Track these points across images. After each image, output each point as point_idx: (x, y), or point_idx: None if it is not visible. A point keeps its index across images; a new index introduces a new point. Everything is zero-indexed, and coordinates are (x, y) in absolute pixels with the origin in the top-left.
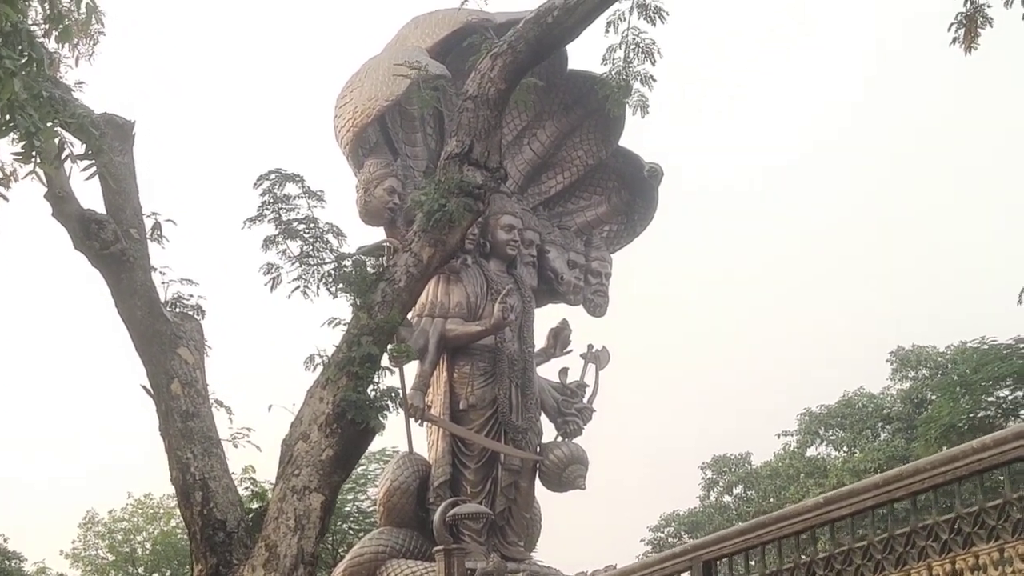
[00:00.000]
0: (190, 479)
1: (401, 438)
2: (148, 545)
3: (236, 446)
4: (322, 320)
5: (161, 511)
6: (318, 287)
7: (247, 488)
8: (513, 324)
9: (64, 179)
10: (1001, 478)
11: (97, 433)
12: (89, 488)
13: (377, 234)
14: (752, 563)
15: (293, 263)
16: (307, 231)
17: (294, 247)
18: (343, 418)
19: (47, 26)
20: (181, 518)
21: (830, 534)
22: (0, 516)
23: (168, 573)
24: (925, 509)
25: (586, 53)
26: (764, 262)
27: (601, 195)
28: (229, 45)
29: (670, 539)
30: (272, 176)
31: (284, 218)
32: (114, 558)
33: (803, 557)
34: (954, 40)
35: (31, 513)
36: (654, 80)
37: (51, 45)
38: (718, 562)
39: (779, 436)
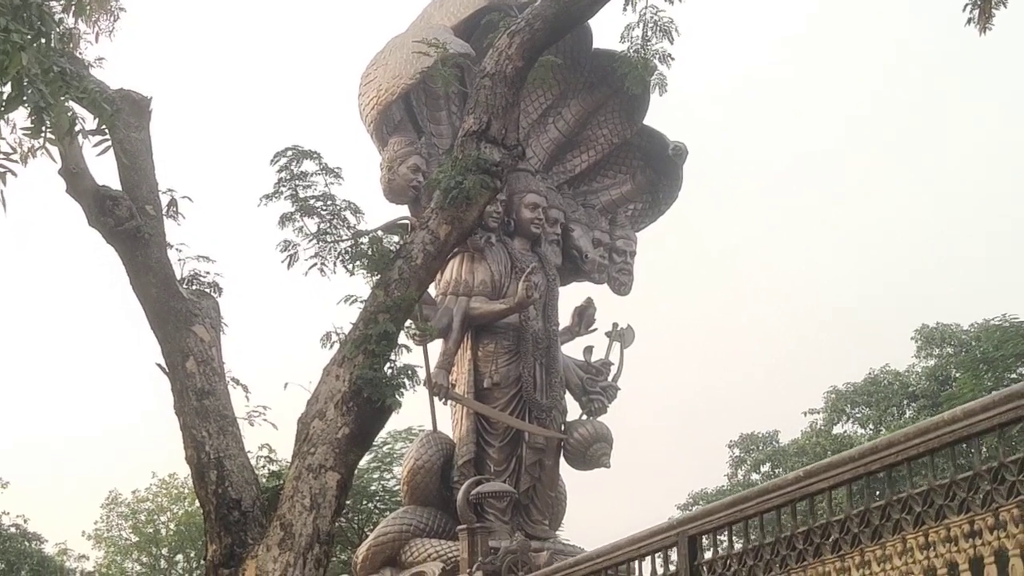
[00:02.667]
0: (205, 458)
1: (426, 417)
2: (172, 525)
3: (252, 424)
4: (339, 297)
5: (185, 491)
6: (335, 264)
7: (263, 467)
8: (537, 302)
9: (79, 155)
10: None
11: (121, 411)
12: (113, 468)
13: (401, 212)
14: (736, 537)
15: (310, 240)
16: (324, 208)
17: (311, 224)
18: (359, 396)
19: (63, 2)
20: None
21: (809, 507)
22: (21, 496)
23: (192, 553)
24: (902, 481)
25: (611, 31)
26: (789, 239)
27: (626, 173)
28: (253, 20)
29: (682, 514)
30: (289, 153)
31: (301, 195)
32: (137, 539)
33: (783, 531)
34: (969, 21)
35: (52, 493)
36: (672, 59)
37: (69, 21)
38: (703, 536)
39: (806, 414)
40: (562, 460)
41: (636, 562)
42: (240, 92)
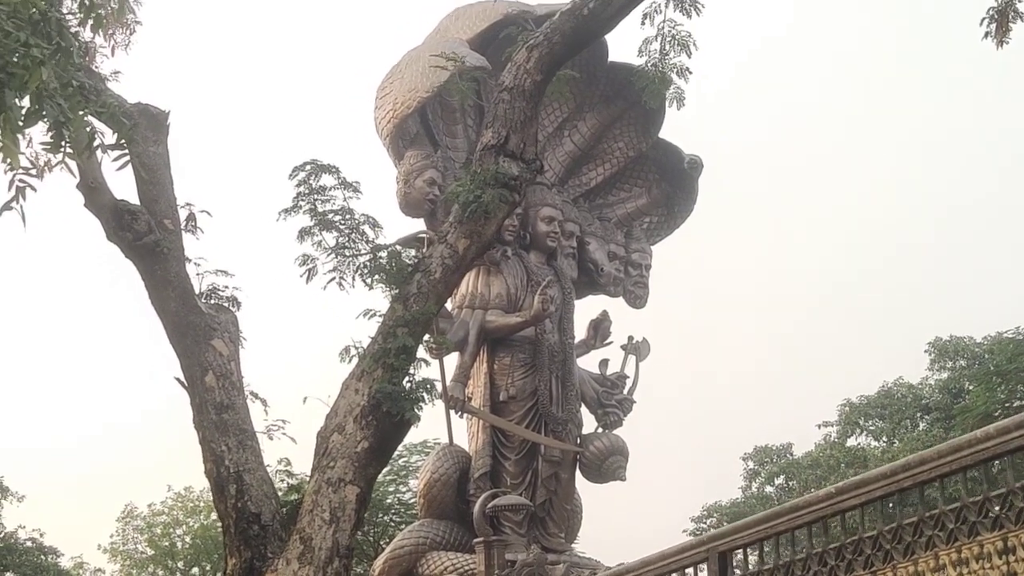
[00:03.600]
0: (224, 472)
1: (442, 430)
2: (188, 539)
3: (271, 438)
4: (357, 312)
5: (201, 504)
6: (353, 279)
7: (282, 480)
8: (553, 315)
9: (97, 169)
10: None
11: (137, 426)
12: (128, 481)
13: (417, 226)
14: (767, 553)
15: (328, 254)
16: (343, 222)
17: (329, 238)
18: (378, 410)
19: (80, 15)
20: None
21: (841, 524)
22: (37, 510)
23: (208, 567)
24: (935, 499)
25: (627, 45)
26: (803, 253)
27: (641, 187)
28: (270, 35)
29: (712, 530)
30: (308, 167)
31: (320, 209)
32: (153, 552)
33: (815, 547)
34: (986, 35)
35: (68, 507)
36: (690, 72)
37: (86, 35)
38: (734, 553)
39: (819, 426)
40: (578, 473)
41: None
42: (258, 105)
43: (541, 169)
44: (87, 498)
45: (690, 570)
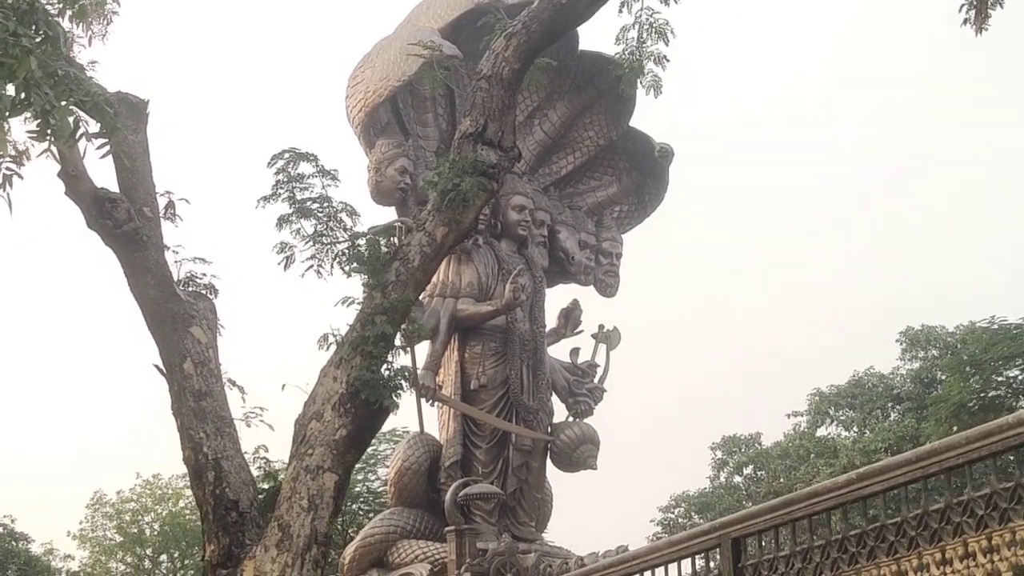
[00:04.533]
0: (202, 459)
1: (412, 418)
2: (156, 526)
3: (249, 425)
4: (335, 299)
5: (170, 492)
6: (332, 266)
7: (259, 468)
8: (524, 304)
9: (78, 158)
10: None
11: (106, 412)
12: (97, 468)
13: (388, 214)
14: (782, 540)
15: (307, 242)
16: (321, 210)
17: (308, 226)
18: (357, 397)
19: (61, 5)
20: (190, 499)
21: (862, 511)
22: (7, 496)
23: (176, 554)
24: (961, 486)
25: (597, 34)
26: (772, 240)
27: (612, 175)
28: (242, 23)
29: (680, 519)
30: (286, 155)
31: (298, 197)
32: (122, 539)
33: (835, 534)
34: (964, 21)
35: (38, 493)
36: (667, 60)
37: (65, 24)
38: (747, 539)
39: (789, 416)
40: (548, 462)
41: (675, 564)
42: (234, 93)
43: (519, 157)
44: (56, 484)
45: (700, 556)
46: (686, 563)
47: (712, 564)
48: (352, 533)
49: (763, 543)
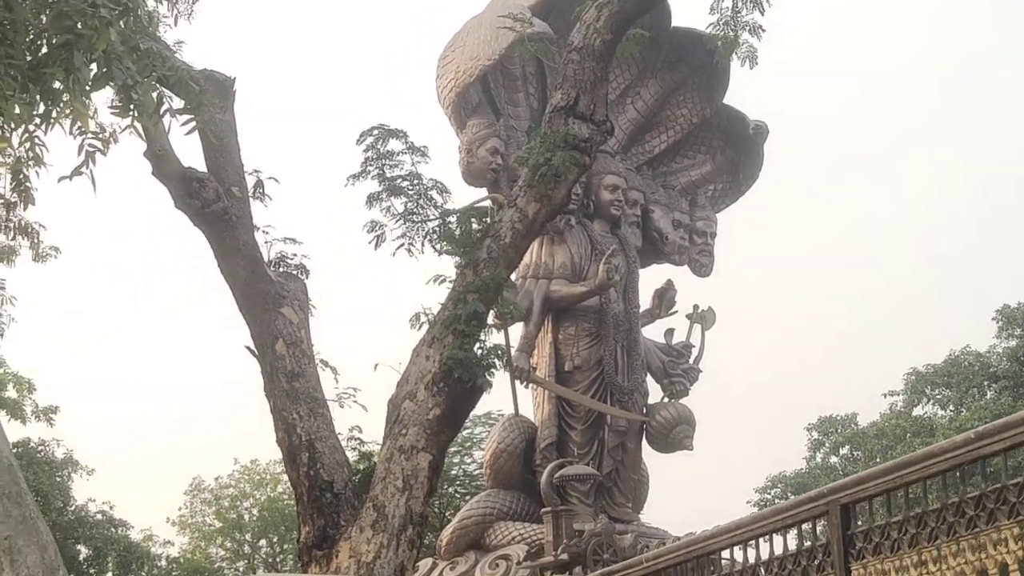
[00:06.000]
0: (296, 440)
1: (506, 401)
2: (255, 511)
3: (342, 406)
4: (427, 278)
5: (268, 477)
6: (423, 244)
7: (353, 449)
8: (618, 285)
9: (164, 137)
10: None
11: (210, 398)
12: (196, 454)
13: (480, 195)
14: (895, 505)
15: (397, 220)
16: (411, 187)
17: (398, 204)
18: (450, 376)
19: None
20: (287, 484)
21: (981, 472)
22: (107, 483)
23: (275, 539)
24: None
25: (690, 8)
26: (871, 221)
27: (706, 154)
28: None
29: (776, 500)
30: (375, 132)
31: (388, 174)
32: (221, 524)
33: (951, 497)
34: None
35: (138, 480)
36: (763, 30)
37: (150, 3)
38: (857, 505)
39: (885, 396)
40: (644, 443)
41: (780, 534)
42: (324, 71)
43: (611, 131)
44: (156, 471)
45: (808, 524)
46: (792, 533)
47: (820, 531)
48: (449, 516)
49: (873, 509)
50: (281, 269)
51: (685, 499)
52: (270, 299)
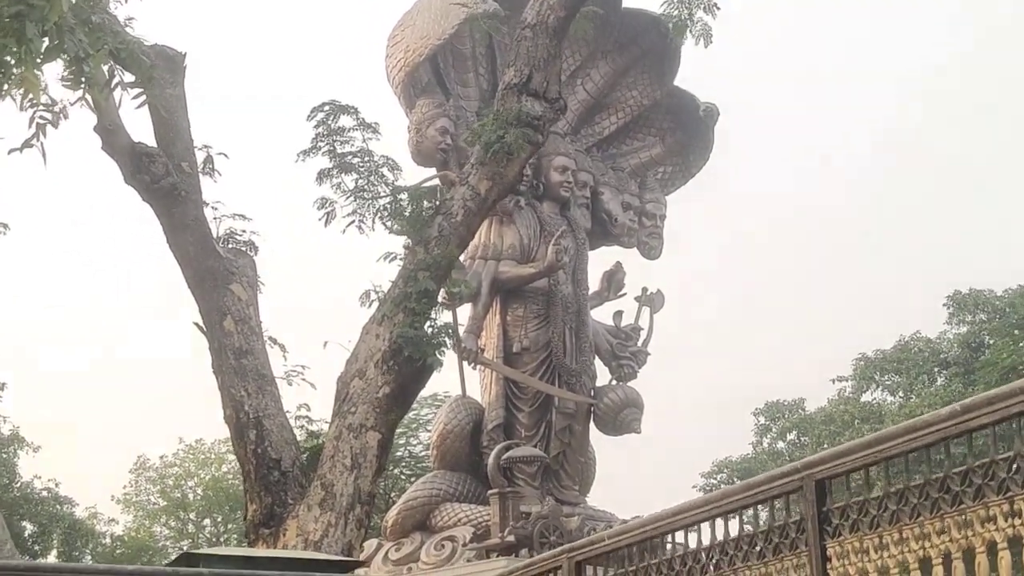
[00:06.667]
0: (244, 417)
1: (454, 382)
2: (199, 491)
3: (290, 384)
4: (378, 255)
5: (212, 456)
6: (373, 222)
7: (301, 427)
8: (567, 266)
9: (114, 111)
10: None
11: (150, 375)
12: (141, 432)
13: (428, 175)
14: (873, 480)
15: (348, 197)
16: (362, 164)
17: (348, 181)
18: (400, 354)
19: None
20: (232, 463)
21: (967, 446)
22: (52, 461)
23: (219, 518)
24: None
25: None
26: (819, 204)
27: (655, 136)
28: None
29: (722, 485)
30: (326, 108)
31: (339, 151)
32: (165, 503)
33: (935, 472)
34: None
35: (83, 458)
36: (718, 8)
37: None
38: (833, 480)
39: (834, 381)
40: (591, 426)
41: (751, 510)
42: (274, 47)
43: (564, 109)
44: (101, 448)
45: (780, 500)
46: (763, 509)
47: (793, 509)
48: (394, 497)
49: (851, 485)
50: (230, 245)
51: (631, 483)
52: (219, 275)
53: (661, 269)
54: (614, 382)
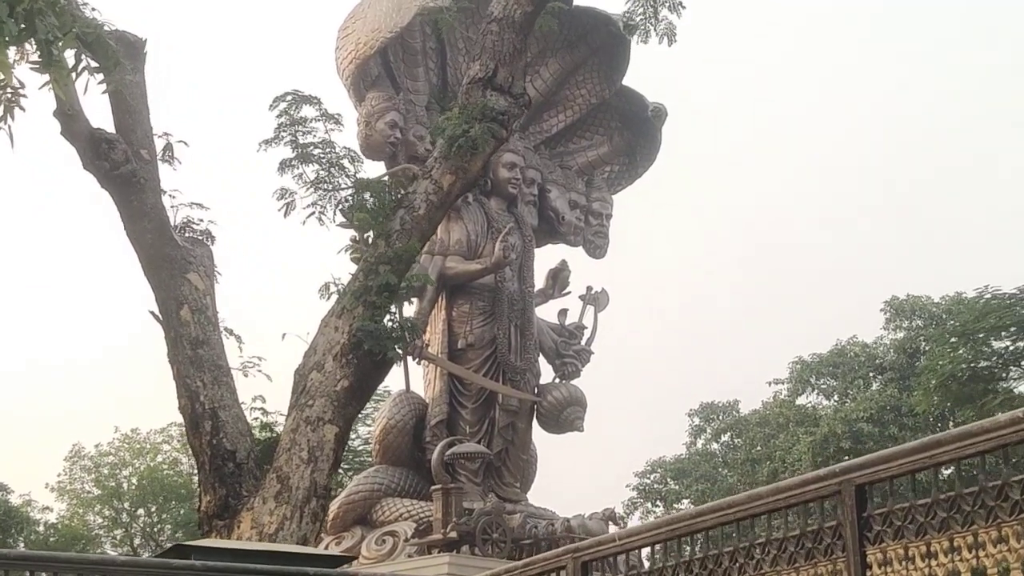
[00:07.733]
0: (199, 408)
1: (396, 377)
2: (134, 480)
3: (246, 375)
4: (338, 247)
5: (148, 446)
6: (334, 213)
7: (256, 419)
8: (513, 263)
9: (75, 97)
10: None
11: (86, 362)
12: (76, 421)
13: (378, 169)
14: (920, 487)
15: (308, 188)
16: (323, 155)
17: (309, 171)
18: (359, 348)
19: None
20: (167, 454)
21: None
22: None
23: (154, 508)
24: None
25: None
26: (758, 207)
27: (603, 135)
28: None
29: (655, 485)
30: (289, 97)
31: (300, 141)
32: (100, 492)
33: (992, 481)
34: None
35: (18, 445)
36: (683, 7)
37: None
38: (874, 486)
39: (770, 384)
40: (534, 423)
41: (781, 513)
42: (236, 36)
43: (529, 104)
44: (36, 436)
45: (814, 504)
46: (794, 513)
47: (828, 514)
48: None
49: (892, 491)
50: (187, 234)
51: (566, 481)
52: (176, 264)
53: (606, 268)
54: (558, 380)
